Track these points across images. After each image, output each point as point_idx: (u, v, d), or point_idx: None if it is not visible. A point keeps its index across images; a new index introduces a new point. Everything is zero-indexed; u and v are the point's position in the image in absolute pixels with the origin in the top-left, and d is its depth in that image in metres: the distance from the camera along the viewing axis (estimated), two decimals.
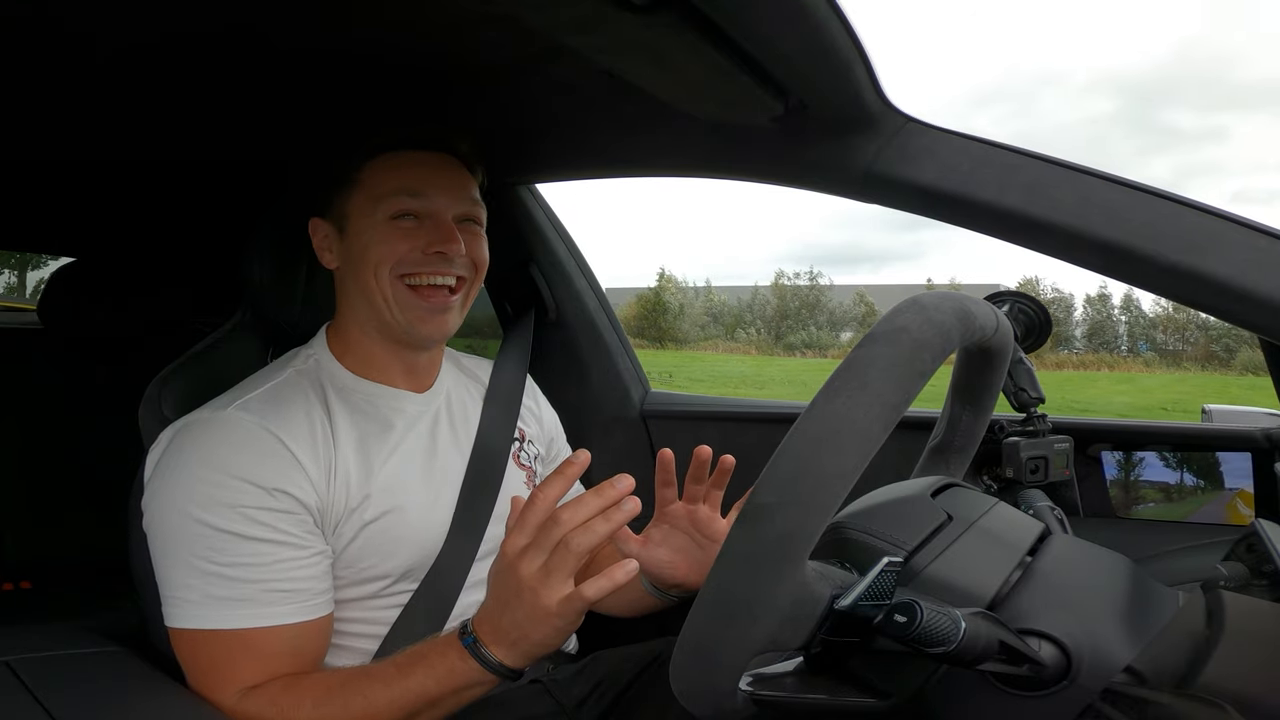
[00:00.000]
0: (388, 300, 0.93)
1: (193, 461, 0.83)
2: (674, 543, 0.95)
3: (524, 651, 0.76)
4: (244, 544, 0.81)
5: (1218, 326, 44.98)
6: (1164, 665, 0.52)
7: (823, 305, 46.98)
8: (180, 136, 1.28)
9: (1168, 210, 0.68)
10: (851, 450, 0.50)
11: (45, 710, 0.69)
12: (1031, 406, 1.08)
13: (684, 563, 0.95)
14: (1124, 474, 1.18)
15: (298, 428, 0.87)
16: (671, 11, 0.64)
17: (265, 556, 0.82)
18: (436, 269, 0.93)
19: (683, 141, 1.02)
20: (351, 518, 0.89)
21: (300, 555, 0.84)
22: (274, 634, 0.82)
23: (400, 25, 0.88)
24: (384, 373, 0.98)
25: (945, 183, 0.76)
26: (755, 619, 0.50)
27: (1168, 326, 45.20)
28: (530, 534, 0.73)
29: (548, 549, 0.72)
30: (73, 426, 1.82)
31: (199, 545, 0.81)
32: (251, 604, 0.81)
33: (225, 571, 0.81)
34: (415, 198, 0.93)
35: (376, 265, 0.92)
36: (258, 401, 0.88)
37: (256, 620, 0.81)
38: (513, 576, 0.73)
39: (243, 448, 0.84)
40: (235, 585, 0.81)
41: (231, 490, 0.82)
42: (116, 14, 0.85)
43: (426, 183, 0.94)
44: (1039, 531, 0.68)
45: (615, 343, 1.54)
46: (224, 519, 0.81)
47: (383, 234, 0.92)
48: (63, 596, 1.66)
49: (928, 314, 0.56)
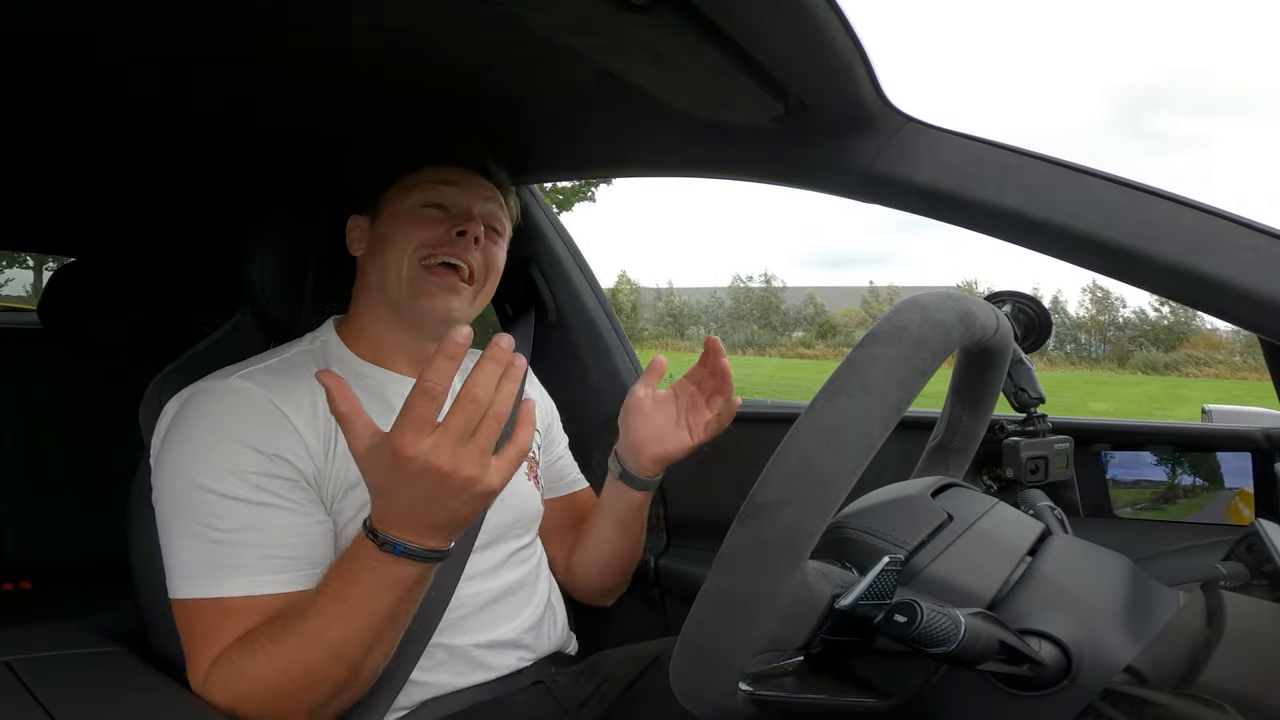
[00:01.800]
0: (400, 280, 0.96)
1: (199, 428, 0.84)
2: (661, 415, 1.06)
3: (451, 531, 0.75)
4: (244, 508, 0.81)
5: (1137, 327, 46.69)
6: (1164, 665, 0.52)
7: (775, 306, 50.45)
8: (180, 137, 1.28)
9: (1168, 210, 0.68)
10: (852, 449, 0.50)
11: (45, 710, 0.69)
12: (1031, 406, 1.08)
13: (653, 440, 1.06)
14: (1124, 474, 1.18)
15: (299, 400, 0.88)
16: (671, 11, 0.64)
17: (265, 522, 0.82)
18: (454, 249, 0.96)
19: (683, 141, 1.02)
20: (349, 495, 0.88)
21: (301, 521, 0.84)
22: (263, 602, 0.81)
23: (400, 26, 0.88)
24: (391, 359, 1.00)
25: (945, 183, 0.76)
26: (755, 618, 0.50)
27: (1091, 329, 46.64)
28: (433, 425, 0.69)
29: (469, 431, 0.69)
30: (73, 426, 1.82)
31: (201, 512, 0.81)
32: (245, 570, 0.80)
33: (225, 537, 0.81)
34: (446, 186, 0.99)
35: (400, 247, 0.96)
36: (261, 372, 0.90)
37: (246, 589, 0.80)
38: (433, 470, 0.69)
39: (244, 414, 0.85)
40: (234, 551, 0.81)
41: (233, 455, 0.82)
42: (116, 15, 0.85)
43: (460, 183, 1.00)
44: (1039, 531, 0.68)
45: (615, 342, 1.54)
46: (224, 484, 0.81)
47: (411, 220, 0.97)
48: (63, 596, 1.65)
49: (928, 313, 0.56)
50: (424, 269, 0.96)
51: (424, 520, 0.73)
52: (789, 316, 49.86)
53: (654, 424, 1.06)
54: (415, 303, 0.96)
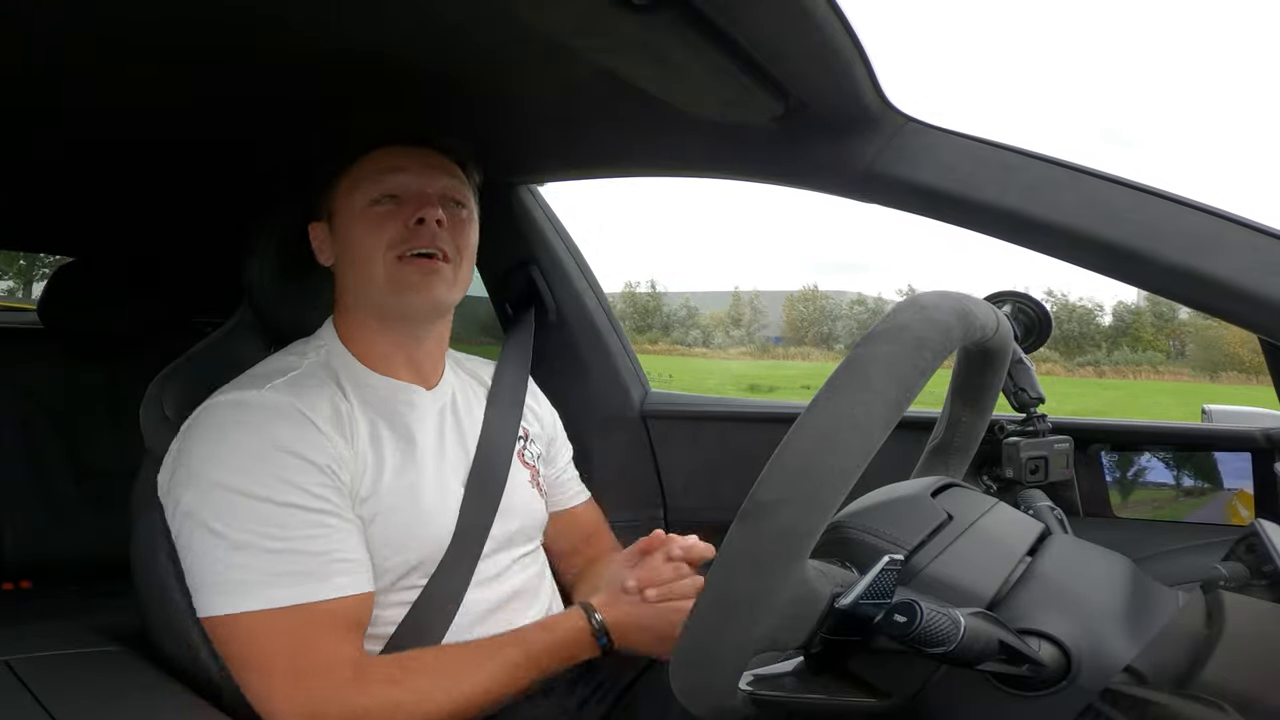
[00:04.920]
0: (378, 284, 0.94)
1: (238, 438, 0.84)
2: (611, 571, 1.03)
3: (628, 648, 0.95)
4: (304, 515, 0.82)
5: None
6: (1164, 665, 0.52)
7: (657, 310, 54.41)
8: (180, 136, 1.28)
9: (1168, 210, 0.68)
10: (852, 448, 0.50)
11: (45, 710, 0.69)
12: (1031, 406, 1.07)
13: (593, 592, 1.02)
14: (1124, 474, 1.18)
15: (325, 411, 0.89)
16: (671, 11, 0.64)
17: (325, 528, 0.83)
18: (419, 240, 0.93)
19: (683, 141, 1.02)
20: (363, 506, 0.89)
21: (350, 527, 0.86)
22: (343, 606, 0.82)
23: (400, 26, 0.88)
24: (389, 365, 0.99)
25: (945, 183, 0.76)
26: (755, 618, 0.50)
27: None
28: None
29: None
30: (73, 426, 1.81)
31: (253, 521, 0.80)
32: (316, 577, 0.81)
33: (287, 545, 0.81)
34: (393, 175, 0.94)
35: (368, 252, 0.93)
36: (285, 385, 0.90)
37: (327, 593, 0.81)
38: (673, 614, 0.92)
39: (284, 425, 0.85)
40: (299, 559, 0.81)
41: (283, 465, 0.82)
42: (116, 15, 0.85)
43: (404, 165, 0.95)
44: (1039, 531, 0.68)
45: (615, 343, 1.54)
46: (280, 492, 0.81)
47: (366, 220, 0.94)
48: (63, 596, 1.65)
49: (928, 313, 0.56)
50: (399, 263, 0.93)
51: (635, 640, 0.95)
52: (671, 319, 54.10)
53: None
54: (399, 299, 0.94)
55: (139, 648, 0.89)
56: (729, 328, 36.34)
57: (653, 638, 0.93)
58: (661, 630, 0.92)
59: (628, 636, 0.94)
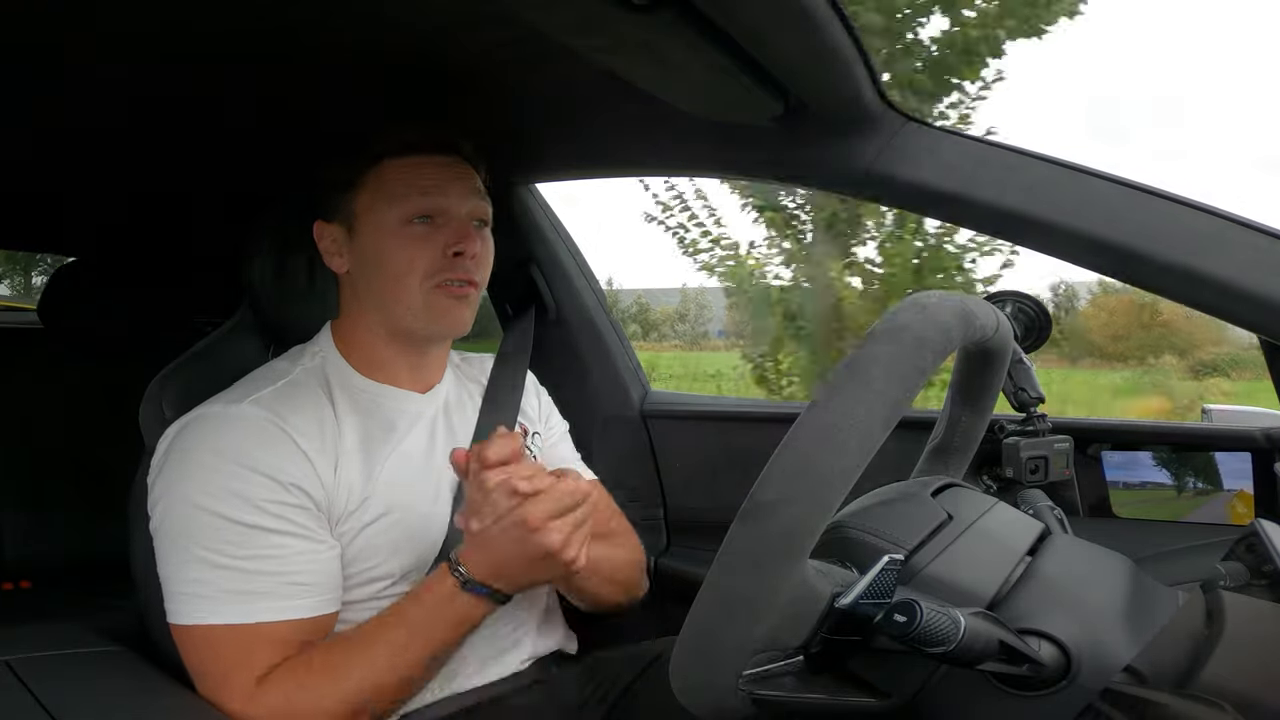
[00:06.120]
0: (412, 308, 0.93)
1: (206, 454, 0.84)
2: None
3: (518, 586, 0.85)
4: (262, 536, 0.82)
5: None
6: (1164, 665, 0.52)
7: (614, 307, 55.60)
8: (180, 136, 1.28)
9: (1168, 210, 0.68)
10: (853, 447, 0.50)
11: (45, 710, 0.69)
12: (1031, 406, 1.07)
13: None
14: (1124, 474, 1.17)
15: (308, 424, 0.88)
16: (671, 11, 0.64)
17: (283, 549, 0.82)
18: (456, 272, 0.93)
19: (683, 141, 1.02)
20: (351, 518, 0.89)
21: (316, 549, 0.85)
22: (290, 628, 0.82)
23: (400, 25, 0.88)
24: (389, 372, 0.98)
25: (945, 183, 0.76)
26: (756, 617, 0.50)
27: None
28: (558, 505, 0.80)
29: (579, 520, 0.81)
30: (73, 426, 1.81)
31: (213, 538, 0.81)
32: (270, 597, 0.81)
33: (242, 565, 0.81)
34: (427, 197, 0.92)
35: (401, 273, 0.92)
36: (269, 397, 0.89)
37: (275, 614, 0.81)
38: (534, 539, 0.79)
39: (256, 441, 0.84)
40: (253, 578, 0.81)
41: (248, 482, 0.82)
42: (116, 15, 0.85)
43: (438, 183, 0.93)
44: (1039, 531, 0.68)
45: (615, 342, 1.54)
46: (240, 511, 0.81)
47: (399, 239, 0.92)
48: (63, 596, 1.65)
49: (928, 313, 0.56)
50: (435, 291, 0.92)
51: (512, 575, 0.84)
52: (623, 315, 53.99)
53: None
54: (429, 325, 0.94)
55: (139, 648, 0.89)
56: (675, 323, 36.90)
57: (522, 563, 0.82)
58: (515, 552, 0.81)
59: (501, 574, 0.83)
